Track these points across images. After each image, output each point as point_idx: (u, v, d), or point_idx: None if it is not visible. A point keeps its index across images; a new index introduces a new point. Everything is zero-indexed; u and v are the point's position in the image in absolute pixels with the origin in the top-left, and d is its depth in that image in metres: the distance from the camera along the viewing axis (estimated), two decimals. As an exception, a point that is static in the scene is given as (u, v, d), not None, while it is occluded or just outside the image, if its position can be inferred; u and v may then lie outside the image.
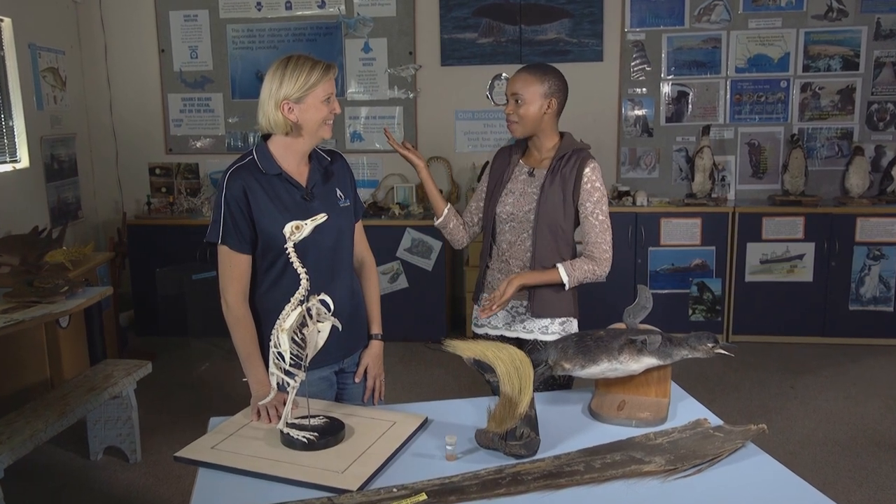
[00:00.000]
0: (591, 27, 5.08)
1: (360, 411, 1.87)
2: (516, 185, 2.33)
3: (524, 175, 2.33)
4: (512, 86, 2.26)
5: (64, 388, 3.23)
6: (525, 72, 2.27)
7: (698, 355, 1.81)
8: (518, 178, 2.34)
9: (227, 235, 1.88)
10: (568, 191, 2.25)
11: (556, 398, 1.99)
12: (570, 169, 2.25)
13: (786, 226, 4.76)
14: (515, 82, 2.26)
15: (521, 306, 2.33)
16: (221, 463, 1.60)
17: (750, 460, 1.61)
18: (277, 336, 1.66)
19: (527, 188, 2.31)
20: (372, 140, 5.40)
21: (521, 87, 2.24)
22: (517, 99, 2.25)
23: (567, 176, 2.25)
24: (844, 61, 4.95)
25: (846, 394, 4.06)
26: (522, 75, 2.26)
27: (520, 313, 2.34)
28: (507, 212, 2.32)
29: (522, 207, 2.29)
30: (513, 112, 2.26)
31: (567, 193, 2.25)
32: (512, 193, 2.33)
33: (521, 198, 2.31)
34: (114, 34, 5.45)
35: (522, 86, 2.24)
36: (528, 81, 2.24)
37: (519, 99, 2.24)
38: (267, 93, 1.88)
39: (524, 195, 2.30)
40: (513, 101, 2.26)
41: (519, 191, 2.32)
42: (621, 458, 1.59)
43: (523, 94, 2.24)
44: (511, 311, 2.36)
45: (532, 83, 2.24)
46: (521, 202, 2.30)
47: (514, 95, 2.25)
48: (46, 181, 4.86)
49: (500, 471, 1.55)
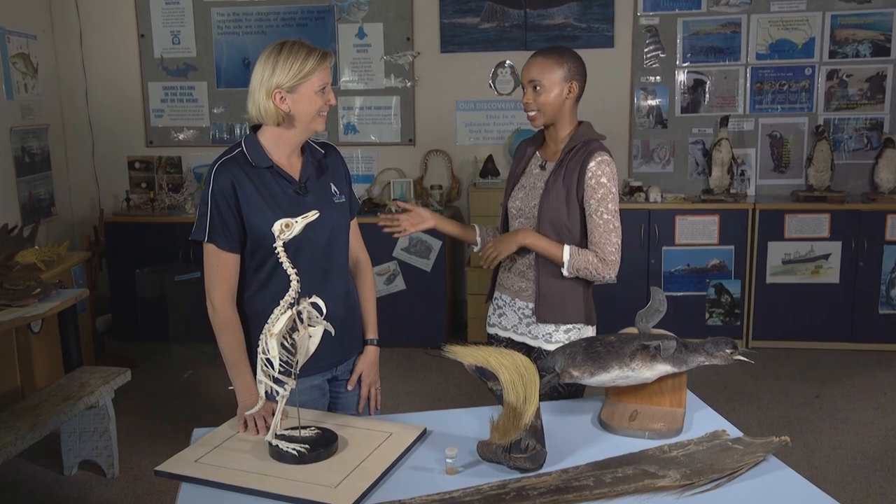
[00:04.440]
0: (601, 11, 5.08)
1: (354, 422, 1.88)
2: (528, 178, 2.35)
3: (537, 168, 2.34)
4: (528, 72, 2.24)
5: (36, 398, 3.23)
6: (541, 56, 2.25)
7: (716, 362, 1.82)
8: (531, 171, 2.36)
9: (213, 233, 1.89)
10: (572, 186, 2.23)
11: (564, 408, 2.00)
12: (575, 162, 2.24)
13: (810, 223, 4.76)
14: (532, 68, 2.24)
15: (526, 308, 2.34)
16: (205, 477, 1.61)
17: (772, 475, 1.61)
18: (266, 341, 1.66)
19: (536, 182, 2.32)
20: (367, 132, 5.41)
21: (539, 73, 2.22)
22: (535, 86, 2.23)
23: (571, 170, 2.24)
24: (874, 46, 4.96)
25: (876, 403, 4.07)
26: (539, 60, 2.24)
27: (525, 316, 2.36)
28: (516, 207, 2.34)
29: (530, 202, 2.30)
30: (532, 101, 2.24)
31: (571, 189, 2.23)
32: (523, 188, 2.34)
33: (530, 192, 2.31)
34: (89, 17, 5.45)
35: (540, 71, 2.22)
36: (545, 66, 2.22)
37: (538, 86, 2.22)
38: (258, 80, 1.89)
39: (533, 189, 2.31)
40: (530, 88, 2.24)
41: (530, 185, 2.33)
42: (633, 472, 1.59)
43: (542, 81, 2.22)
44: (518, 313, 2.37)
45: (550, 67, 2.22)
46: (529, 197, 2.31)
47: (532, 83, 2.23)
48: (17, 175, 4.86)
49: (504, 485, 1.55)
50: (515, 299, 2.37)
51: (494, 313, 2.45)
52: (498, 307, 2.43)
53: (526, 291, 2.34)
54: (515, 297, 2.37)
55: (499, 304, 2.43)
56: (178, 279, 4.83)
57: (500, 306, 2.43)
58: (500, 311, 2.42)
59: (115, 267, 5.14)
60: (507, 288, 2.39)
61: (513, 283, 2.37)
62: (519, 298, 2.36)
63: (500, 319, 2.42)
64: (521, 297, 2.35)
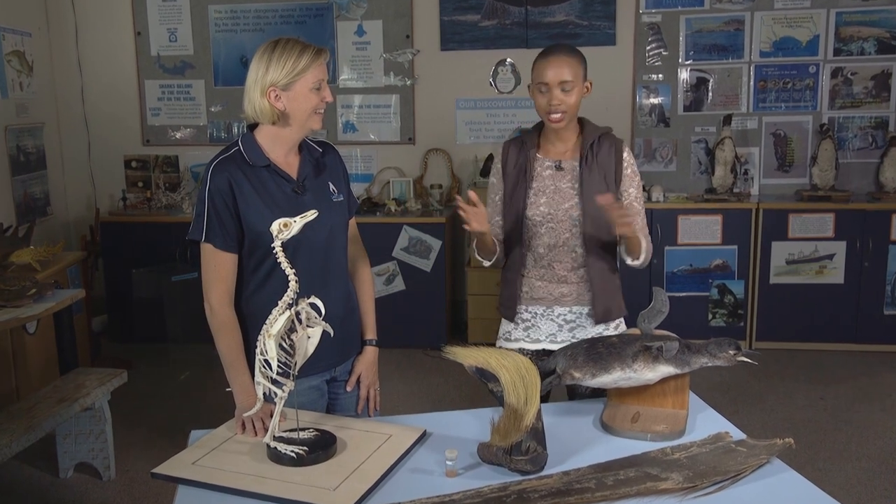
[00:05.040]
0: (602, 8, 5.08)
1: (353, 423, 1.88)
2: (544, 182, 2.28)
3: (550, 170, 2.29)
4: (558, 73, 2.17)
5: (31, 400, 3.23)
6: (566, 55, 2.20)
7: (719, 363, 1.82)
8: (543, 174, 2.29)
9: (211, 233, 1.89)
10: (610, 179, 2.24)
11: (565, 409, 2.00)
12: (605, 155, 2.24)
13: (814, 223, 4.76)
14: (562, 69, 2.17)
15: (568, 313, 2.30)
16: (203, 480, 1.61)
17: (775, 477, 1.61)
18: (264, 342, 1.66)
19: (559, 184, 2.27)
20: (366, 131, 5.41)
21: (570, 73, 2.17)
22: (565, 87, 2.17)
23: (605, 163, 2.24)
24: (879, 44, 4.95)
25: (881, 405, 4.07)
26: (566, 59, 2.19)
27: (568, 321, 2.30)
28: (541, 213, 2.26)
29: (560, 206, 2.25)
30: (561, 102, 2.18)
31: (609, 182, 2.23)
32: (543, 193, 2.27)
33: (556, 195, 2.26)
34: (85, 15, 5.45)
35: (570, 71, 2.17)
36: (573, 65, 2.18)
37: (568, 86, 2.18)
38: (253, 79, 1.89)
39: (558, 192, 2.26)
40: (558, 90, 2.17)
41: (550, 188, 2.27)
42: (635, 475, 1.59)
43: (573, 80, 2.17)
44: (557, 320, 2.31)
45: (577, 66, 2.20)
46: (557, 200, 2.25)
47: (563, 84, 2.17)
48: (12, 174, 4.86)
49: (505, 488, 1.55)
50: (553, 307, 2.30)
51: (518, 328, 2.35)
52: (523, 320, 2.34)
53: (568, 296, 2.29)
54: (553, 304, 2.30)
55: (524, 317, 2.34)
56: (175, 279, 4.83)
57: (526, 319, 2.34)
58: (526, 325, 2.34)
59: (112, 267, 5.14)
60: (541, 299, 2.31)
61: (549, 291, 2.30)
62: (559, 305, 2.30)
63: (528, 332, 2.33)
64: (562, 304, 2.30)
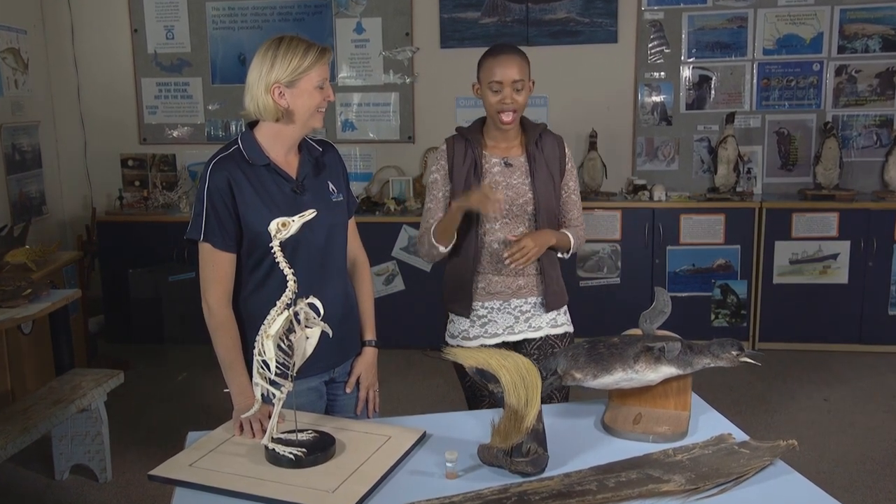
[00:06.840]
0: (604, 6, 5.08)
1: (352, 425, 1.88)
2: (495, 178, 2.35)
3: (498, 167, 2.36)
4: (508, 73, 2.25)
5: (26, 401, 3.23)
6: (516, 54, 2.30)
7: (721, 364, 1.82)
8: (490, 171, 2.36)
9: (209, 232, 1.89)
10: (556, 173, 2.38)
11: (567, 411, 2.00)
12: (550, 151, 2.38)
13: (818, 222, 4.77)
14: (512, 68, 2.26)
15: (525, 304, 2.40)
16: (200, 482, 1.61)
17: (779, 479, 1.61)
18: (262, 343, 1.66)
19: (510, 180, 2.35)
20: (365, 129, 5.41)
21: (521, 73, 2.28)
22: (517, 86, 2.27)
23: (551, 158, 2.37)
24: (884, 41, 4.96)
25: (886, 407, 4.07)
26: (516, 59, 2.29)
27: (524, 311, 2.40)
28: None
29: (515, 201, 2.34)
30: (513, 101, 2.28)
31: (555, 176, 2.39)
32: (496, 189, 2.31)
33: (509, 191, 2.34)
34: (81, 12, 5.45)
35: (520, 70, 2.28)
36: (523, 65, 2.29)
37: (519, 85, 2.27)
38: (256, 75, 1.89)
39: (510, 188, 2.35)
40: (511, 89, 2.26)
41: (503, 185, 2.35)
42: (637, 477, 1.59)
43: (523, 80, 2.28)
44: (514, 312, 2.40)
45: (525, 66, 2.31)
46: (511, 196, 2.34)
47: (515, 83, 2.26)
48: (7, 173, 4.86)
49: (505, 490, 1.55)
50: (511, 300, 2.39)
51: (473, 326, 2.41)
52: (479, 317, 2.40)
53: (525, 288, 2.39)
54: (511, 297, 2.39)
55: (480, 313, 2.40)
56: (173, 279, 4.83)
57: (482, 315, 2.40)
58: (483, 321, 2.40)
59: (108, 267, 5.14)
60: (498, 293, 2.38)
61: (506, 285, 2.38)
62: (515, 297, 2.39)
63: (486, 328, 2.41)
64: (519, 296, 2.39)
